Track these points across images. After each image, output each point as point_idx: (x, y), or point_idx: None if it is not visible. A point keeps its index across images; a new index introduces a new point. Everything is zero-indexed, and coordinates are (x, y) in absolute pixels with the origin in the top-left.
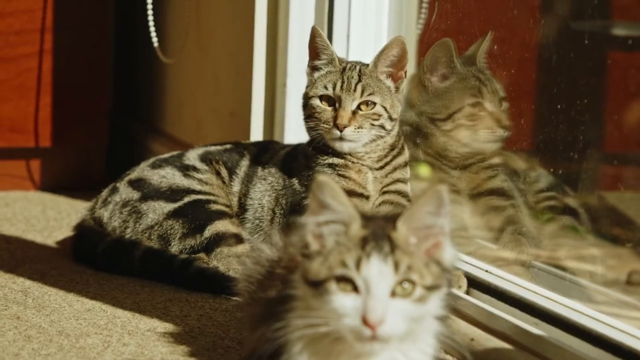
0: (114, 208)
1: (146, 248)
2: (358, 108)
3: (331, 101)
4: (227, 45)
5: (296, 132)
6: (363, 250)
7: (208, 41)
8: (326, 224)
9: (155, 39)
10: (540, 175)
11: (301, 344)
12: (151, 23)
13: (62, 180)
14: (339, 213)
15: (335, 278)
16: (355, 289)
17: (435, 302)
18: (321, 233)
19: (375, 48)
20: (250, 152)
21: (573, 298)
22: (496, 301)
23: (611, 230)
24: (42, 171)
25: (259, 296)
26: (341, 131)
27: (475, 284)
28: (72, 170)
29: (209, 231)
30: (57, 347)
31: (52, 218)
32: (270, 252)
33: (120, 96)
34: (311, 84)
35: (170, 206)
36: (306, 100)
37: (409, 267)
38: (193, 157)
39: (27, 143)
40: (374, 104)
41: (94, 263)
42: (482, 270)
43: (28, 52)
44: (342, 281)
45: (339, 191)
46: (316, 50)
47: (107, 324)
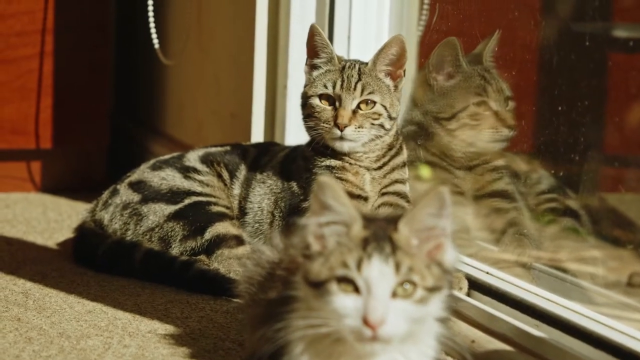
0: (115, 210)
1: (147, 250)
2: (358, 107)
3: (331, 100)
4: (228, 46)
5: (297, 134)
6: (364, 251)
7: (209, 42)
8: (327, 225)
9: (156, 41)
10: (541, 177)
11: (302, 345)
12: (152, 24)
13: (63, 181)
14: (341, 214)
15: (336, 279)
16: (356, 290)
17: (436, 304)
18: (322, 234)
19: (376, 49)
20: (250, 155)
21: (574, 300)
22: (497, 303)
23: (612, 232)
24: (43, 173)
25: (260, 298)
26: (342, 131)
27: (476, 286)
28: (73, 171)
29: (210, 233)
30: (58, 349)
31: (53, 219)
32: (270, 254)
33: (121, 98)
34: (310, 83)
35: (170, 208)
36: (305, 99)
37: (410, 268)
38: (193, 159)
39: (28, 145)
40: (374, 103)
41: (95, 265)
42: (483, 272)
43: (29, 54)
44: (343, 282)
45: (341, 192)
46: (315, 48)
47: (108, 326)
